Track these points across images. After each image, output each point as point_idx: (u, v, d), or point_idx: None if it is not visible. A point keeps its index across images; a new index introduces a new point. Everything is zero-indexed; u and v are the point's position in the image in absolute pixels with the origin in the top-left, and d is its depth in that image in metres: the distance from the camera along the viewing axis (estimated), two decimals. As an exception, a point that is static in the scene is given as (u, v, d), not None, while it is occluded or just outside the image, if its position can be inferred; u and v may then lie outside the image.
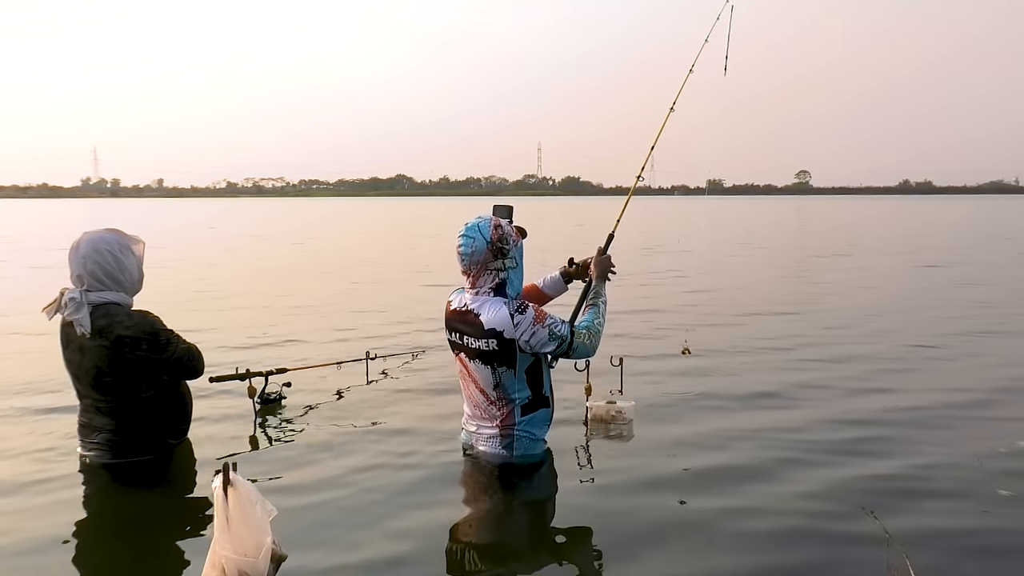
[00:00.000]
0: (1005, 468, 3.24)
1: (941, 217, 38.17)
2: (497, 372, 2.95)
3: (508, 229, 2.99)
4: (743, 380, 4.77)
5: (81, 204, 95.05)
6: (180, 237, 22.77)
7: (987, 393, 4.46)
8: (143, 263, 3.22)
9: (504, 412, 3.03)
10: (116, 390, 3.06)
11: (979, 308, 7.93)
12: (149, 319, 3.11)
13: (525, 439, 3.05)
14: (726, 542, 2.60)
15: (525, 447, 3.06)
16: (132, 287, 3.14)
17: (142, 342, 3.02)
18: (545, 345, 2.92)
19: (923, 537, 2.59)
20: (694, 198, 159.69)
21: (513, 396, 3.00)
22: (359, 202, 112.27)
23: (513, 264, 2.99)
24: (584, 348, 3.01)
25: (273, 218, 41.74)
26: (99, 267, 3.02)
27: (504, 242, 2.94)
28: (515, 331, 2.87)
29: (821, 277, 11.27)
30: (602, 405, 3.82)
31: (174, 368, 3.17)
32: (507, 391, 2.99)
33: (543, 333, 2.89)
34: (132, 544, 2.66)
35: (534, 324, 2.88)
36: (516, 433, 3.04)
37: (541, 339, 2.90)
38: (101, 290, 3.03)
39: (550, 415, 3.17)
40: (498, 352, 2.91)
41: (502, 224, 2.99)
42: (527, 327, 2.87)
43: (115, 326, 2.99)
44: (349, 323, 7.10)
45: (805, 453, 3.44)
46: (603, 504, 2.92)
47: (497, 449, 3.07)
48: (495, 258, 2.94)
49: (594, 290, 3.29)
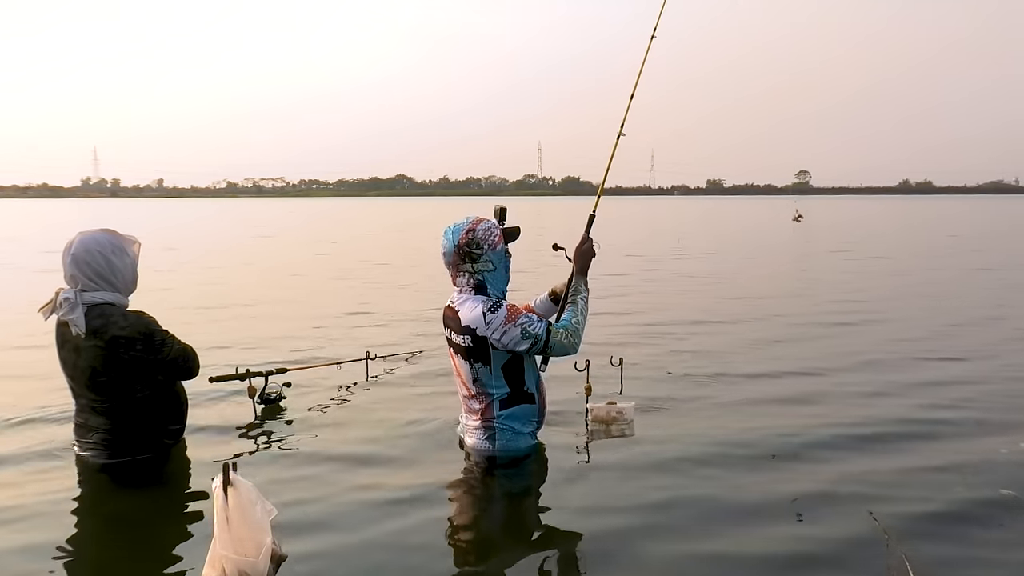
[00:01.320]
0: (1005, 468, 3.24)
1: (959, 217, 37.89)
2: (474, 368, 3.06)
3: (483, 235, 3.03)
4: (744, 380, 4.77)
5: (82, 204, 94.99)
6: (183, 236, 22.77)
7: (987, 393, 4.46)
8: (138, 263, 3.21)
9: (483, 405, 3.12)
10: (111, 390, 3.06)
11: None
12: (144, 319, 3.11)
13: (507, 432, 3.12)
14: (725, 541, 2.60)
15: (507, 439, 3.12)
16: (125, 287, 3.13)
17: (137, 342, 3.02)
18: (518, 344, 2.96)
19: (922, 537, 2.59)
20: (694, 198, 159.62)
21: (491, 391, 3.08)
22: (360, 202, 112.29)
23: (489, 267, 3.06)
24: (562, 347, 3.02)
25: (275, 217, 41.73)
26: (90, 267, 3.02)
27: (473, 246, 3.01)
28: (487, 329, 2.95)
29: (868, 286, 11.26)
30: (603, 406, 3.82)
31: (169, 369, 3.16)
32: (484, 386, 3.08)
33: (515, 332, 2.95)
34: (131, 544, 2.66)
35: (505, 323, 2.94)
36: (497, 426, 3.11)
37: (513, 338, 2.95)
38: (96, 290, 3.04)
39: (536, 411, 3.19)
40: (473, 348, 3.01)
41: (477, 229, 3.03)
42: (498, 326, 2.94)
43: (110, 326, 2.99)
44: (349, 323, 7.11)
45: (806, 453, 3.44)
46: (602, 502, 2.92)
47: (481, 441, 3.15)
48: (463, 261, 3.04)
49: (574, 286, 3.21)
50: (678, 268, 12.55)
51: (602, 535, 2.66)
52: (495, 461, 3.13)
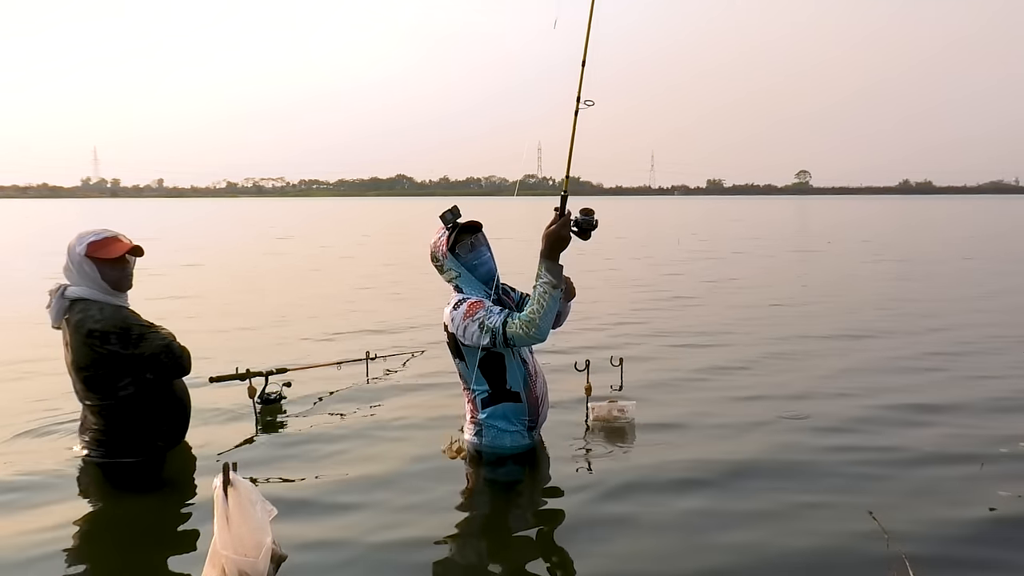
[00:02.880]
0: (1005, 469, 3.24)
1: (966, 218, 37.85)
2: (458, 365, 3.11)
3: (433, 250, 3.07)
4: (745, 380, 4.77)
5: (82, 204, 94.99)
6: (185, 236, 22.77)
7: (987, 394, 4.46)
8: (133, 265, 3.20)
9: (470, 404, 3.15)
10: (96, 386, 3.07)
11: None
12: (122, 313, 3.09)
13: (491, 430, 3.12)
14: (725, 541, 2.61)
15: (492, 436, 3.12)
16: (106, 288, 3.07)
17: (111, 336, 3.00)
18: (479, 338, 2.89)
19: (923, 537, 2.59)
20: (694, 198, 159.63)
21: (473, 388, 3.09)
22: (360, 202, 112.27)
23: (454, 274, 3.04)
24: (522, 339, 2.86)
25: (281, 217, 41.74)
26: (66, 264, 3.06)
27: (434, 261, 3.10)
28: (453, 326, 2.98)
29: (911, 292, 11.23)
30: (604, 405, 3.82)
31: (152, 365, 3.10)
32: (467, 383, 3.11)
33: (473, 327, 2.90)
34: (131, 544, 2.66)
35: (464, 319, 2.92)
36: (482, 423, 3.12)
37: (472, 332, 2.90)
38: (76, 285, 3.06)
39: (523, 411, 3.11)
40: (451, 345, 3.06)
41: (431, 245, 3.08)
42: (459, 322, 2.94)
43: (86, 320, 3.00)
44: (349, 323, 7.11)
45: (806, 453, 3.45)
46: (603, 502, 2.92)
47: (471, 437, 3.18)
48: (439, 272, 3.10)
49: (538, 271, 2.85)
50: (678, 268, 12.55)
51: (602, 535, 2.66)
52: (480, 456, 3.16)
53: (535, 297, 2.83)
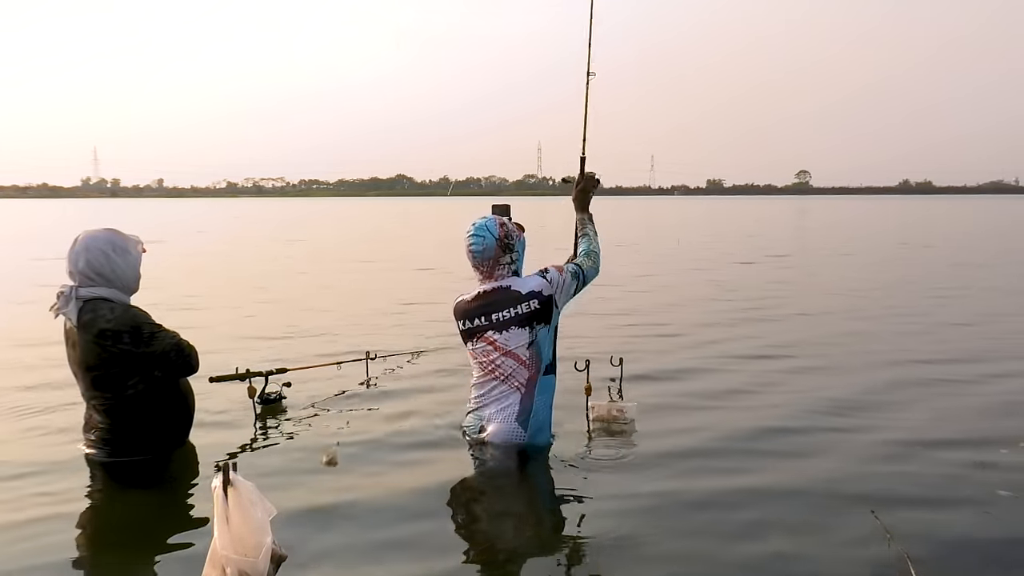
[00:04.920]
0: (1005, 469, 3.24)
1: (975, 217, 37.83)
2: (534, 330, 3.20)
3: (511, 226, 3.30)
4: (745, 378, 4.77)
5: (83, 204, 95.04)
6: (184, 235, 22.78)
7: (987, 394, 4.45)
8: (140, 263, 3.23)
9: (532, 372, 3.21)
10: (104, 385, 3.08)
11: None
12: (132, 312, 3.12)
13: (539, 416, 3.25)
14: (725, 540, 2.60)
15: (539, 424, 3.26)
16: (124, 286, 3.15)
17: (123, 335, 3.03)
18: (571, 286, 3.28)
19: (924, 537, 2.59)
20: (694, 198, 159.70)
21: (542, 353, 3.23)
22: (361, 202, 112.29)
23: (519, 256, 3.31)
24: (592, 271, 3.39)
25: (285, 217, 41.76)
26: (89, 265, 3.05)
27: (510, 238, 3.25)
28: (551, 287, 3.21)
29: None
30: (604, 405, 3.82)
31: (163, 363, 3.13)
32: (539, 349, 3.22)
33: (567, 277, 3.28)
34: (131, 544, 2.66)
35: (561, 275, 3.26)
36: (535, 406, 3.23)
37: (570, 285, 3.28)
38: (92, 286, 3.07)
39: (555, 387, 3.34)
40: (539, 311, 3.20)
41: (505, 222, 3.29)
42: (558, 279, 3.24)
43: (98, 320, 3.02)
44: (349, 323, 7.11)
45: (807, 452, 3.45)
46: (602, 502, 2.92)
47: (511, 425, 3.22)
48: (504, 252, 3.23)
49: (579, 222, 3.58)
50: (678, 268, 12.55)
51: (601, 534, 2.65)
52: (523, 451, 3.23)
53: (591, 238, 3.49)
